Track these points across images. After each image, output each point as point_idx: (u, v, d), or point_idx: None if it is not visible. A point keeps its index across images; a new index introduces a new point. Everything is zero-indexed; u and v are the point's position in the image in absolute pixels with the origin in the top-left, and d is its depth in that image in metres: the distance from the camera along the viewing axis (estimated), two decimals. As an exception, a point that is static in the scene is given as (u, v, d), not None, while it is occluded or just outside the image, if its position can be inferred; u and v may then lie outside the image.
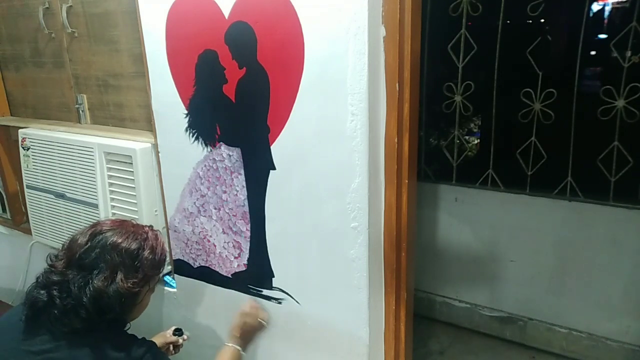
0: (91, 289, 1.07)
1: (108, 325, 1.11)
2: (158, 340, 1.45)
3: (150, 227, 1.26)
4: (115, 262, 1.11)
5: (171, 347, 1.50)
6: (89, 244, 1.13)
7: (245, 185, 1.47)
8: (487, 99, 2.22)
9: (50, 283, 1.10)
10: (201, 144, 1.52)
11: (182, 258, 1.71)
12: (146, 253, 1.17)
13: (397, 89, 1.21)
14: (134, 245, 1.15)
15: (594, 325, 2.20)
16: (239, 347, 1.35)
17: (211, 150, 1.50)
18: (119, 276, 1.10)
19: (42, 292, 1.09)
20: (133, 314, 1.20)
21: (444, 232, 2.50)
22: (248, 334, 1.40)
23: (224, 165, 1.49)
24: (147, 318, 1.90)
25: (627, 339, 2.14)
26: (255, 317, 1.41)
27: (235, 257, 1.57)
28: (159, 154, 1.64)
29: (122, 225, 1.19)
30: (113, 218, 1.27)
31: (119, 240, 1.14)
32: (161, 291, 1.84)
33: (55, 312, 1.07)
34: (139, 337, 1.19)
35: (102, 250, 1.12)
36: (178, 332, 1.51)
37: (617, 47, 1.92)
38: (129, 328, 1.21)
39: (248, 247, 1.53)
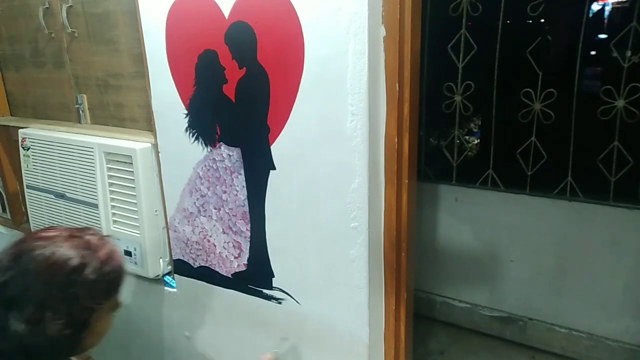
0: (10, 335, 0.83)
1: None
2: None
3: (97, 233, 0.97)
4: (41, 295, 0.84)
5: None
6: (9, 271, 0.86)
7: (245, 185, 1.47)
8: (487, 99, 2.23)
9: None
10: (201, 144, 1.52)
11: (182, 258, 1.71)
12: (87, 272, 0.88)
13: (397, 88, 1.21)
14: (69, 265, 0.87)
15: (594, 325, 2.21)
16: None
17: (211, 150, 1.51)
18: (47, 314, 0.84)
19: None
20: (86, 345, 0.95)
21: (444, 232, 2.50)
22: None
23: (224, 165, 1.49)
24: (147, 318, 1.91)
25: (627, 339, 2.14)
26: None
27: (235, 257, 1.57)
28: (159, 154, 1.64)
29: (55, 237, 0.90)
30: (50, 227, 0.97)
31: (48, 262, 0.86)
32: (161, 291, 1.84)
33: None
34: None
35: (25, 278, 0.85)
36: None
37: (617, 47, 1.92)
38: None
39: (248, 247, 1.53)
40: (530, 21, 2.13)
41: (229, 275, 1.60)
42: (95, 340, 0.98)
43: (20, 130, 2.01)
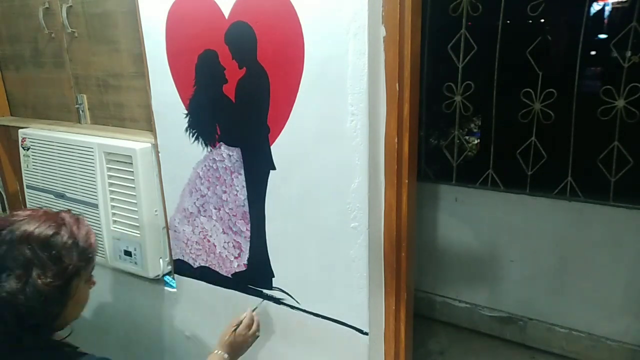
0: (2, 295, 0.91)
1: (37, 340, 0.97)
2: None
3: (68, 210, 1.09)
4: (27, 257, 0.94)
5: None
6: None
7: (245, 185, 1.47)
8: (487, 99, 2.23)
9: None
10: (201, 144, 1.52)
11: (182, 258, 1.71)
12: (65, 239, 0.99)
13: (397, 88, 1.21)
14: (47, 232, 0.98)
15: (593, 325, 2.21)
16: (226, 356, 1.28)
17: (211, 150, 1.51)
18: (34, 272, 0.93)
19: None
20: (68, 313, 1.03)
21: (444, 232, 2.50)
22: (240, 345, 1.33)
23: (224, 165, 1.49)
24: (146, 319, 1.91)
25: (627, 339, 2.14)
26: (253, 329, 1.36)
27: (235, 257, 1.57)
28: (159, 154, 1.64)
29: (32, 214, 1.01)
30: (26, 208, 1.09)
31: (28, 231, 0.96)
32: (161, 291, 1.84)
33: None
34: (97, 355, 1.02)
35: (9, 246, 0.95)
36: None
37: (617, 47, 1.92)
38: (71, 333, 1.08)
39: (248, 247, 1.53)
40: (530, 21, 2.13)
41: (229, 275, 1.60)
42: (76, 311, 1.06)
43: (20, 130, 2.01)
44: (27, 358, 0.97)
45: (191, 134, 1.53)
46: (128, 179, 1.70)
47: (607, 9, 2.23)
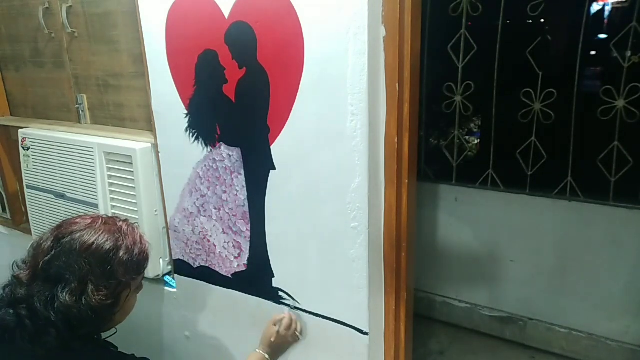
0: (58, 306, 0.94)
1: (86, 342, 1.01)
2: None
3: (126, 220, 1.11)
4: (84, 271, 0.97)
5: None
6: (53, 251, 0.98)
7: (245, 185, 1.47)
8: (487, 99, 2.23)
9: (16, 300, 0.97)
10: (201, 144, 1.52)
11: (182, 258, 1.71)
12: (121, 254, 1.02)
13: (397, 88, 1.21)
14: (106, 247, 1.00)
15: (594, 325, 2.21)
16: (267, 356, 1.32)
17: (211, 150, 1.50)
18: (89, 288, 0.96)
19: (10, 311, 0.97)
20: (116, 320, 1.09)
21: (444, 232, 2.50)
22: (280, 346, 1.36)
23: (224, 165, 1.49)
24: (146, 319, 1.91)
25: (627, 339, 2.14)
26: (292, 329, 1.39)
27: (235, 257, 1.57)
28: (159, 154, 1.64)
29: (92, 224, 1.03)
30: (83, 214, 1.10)
31: (88, 243, 0.99)
32: (161, 291, 1.84)
33: (27, 335, 0.95)
34: (129, 353, 1.09)
35: (68, 257, 0.97)
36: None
37: (617, 47, 1.92)
38: (115, 333, 1.13)
39: (248, 247, 1.53)
40: (530, 21, 2.13)
41: (229, 275, 1.60)
42: (123, 318, 1.11)
43: (20, 130, 2.01)
44: (76, 356, 1.00)
45: (191, 134, 1.53)
46: (128, 179, 1.70)
47: (607, 9, 2.23)
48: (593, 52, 2.15)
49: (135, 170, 1.66)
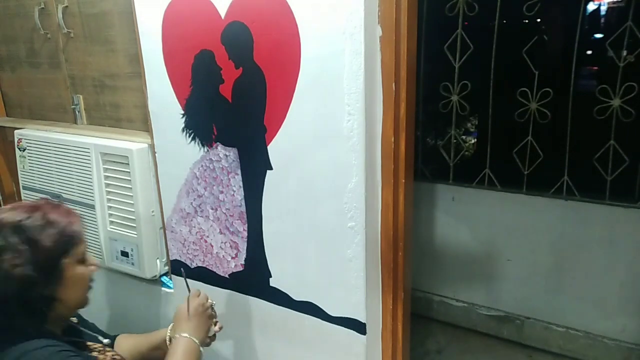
0: None
1: (33, 322, 0.98)
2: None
3: (46, 199, 1.10)
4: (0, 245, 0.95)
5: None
6: None
7: (242, 185, 1.47)
8: (483, 99, 2.23)
9: None
10: (198, 144, 1.52)
11: (179, 259, 1.71)
12: (33, 219, 0.99)
13: (394, 88, 1.21)
14: (17, 217, 0.98)
15: (591, 324, 2.21)
16: (195, 338, 1.17)
17: (208, 151, 1.50)
18: (5, 258, 0.94)
19: None
20: (66, 296, 1.03)
21: (441, 231, 2.51)
22: (196, 319, 1.22)
23: (221, 166, 1.49)
24: (144, 319, 1.91)
25: (624, 337, 2.15)
26: (202, 300, 1.26)
27: (233, 258, 1.57)
28: (156, 155, 1.64)
29: (14, 205, 1.03)
30: (10, 204, 1.09)
31: (2, 218, 0.98)
32: (158, 292, 1.84)
33: None
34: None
35: None
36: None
37: (612, 46, 1.93)
38: (77, 322, 1.11)
39: (245, 248, 1.53)
40: (527, 21, 2.13)
41: (226, 276, 1.60)
42: (75, 295, 1.05)
43: (16, 131, 2.00)
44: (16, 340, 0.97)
45: (188, 134, 1.53)
46: (125, 179, 1.69)
47: (603, 8, 2.24)
48: (589, 52, 2.15)
49: (131, 170, 1.66)
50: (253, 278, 1.54)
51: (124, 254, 1.77)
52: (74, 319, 1.21)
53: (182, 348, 1.14)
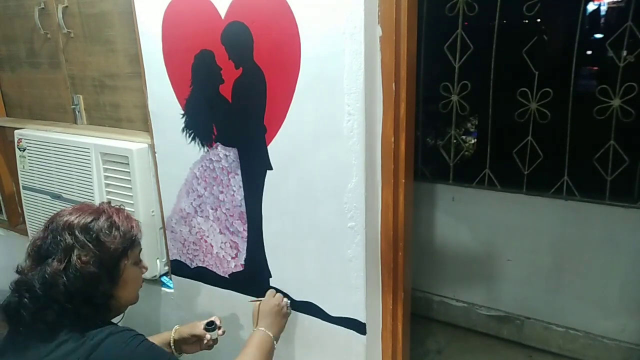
0: (48, 277, 0.99)
1: (96, 315, 1.04)
2: (185, 329, 1.36)
3: (108, 202, 1.17)
4: (68, 242, 1.02)
5: (203, 342, 1.36)
6: (43, 234, 1.06)
7: (242, 185, 1.47)
8: (483, 99, 2.23)
9: (17, 284, 1.04)
10: (198, 144, 1.52)
11: (179, 258, 1.71)
12: (101, 222, 1.06)
13: (394, 88, 1.21)
14: (87, 219, 1.06)
15: (590, 324, 2.21)
16: (269, 332, 1.28)
17: (208, 151, 1.50)
18: (74, 254, 1.01)
19: (15, 295, 1.03)
20: (121, 294, 1.10)
21: (441, 231, 2.50)
22: (274, 318, 1.34)
23: (221, 166, 1.49)
24: (144, 319, 1.90)
25: (624, 337, 2.15)
26: (277, 300, 1.38)
27: (233, 258, 1.57)
28: (156, 155, 1.64)
29: (75, 208, 1.10)
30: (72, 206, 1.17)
31: (70, 220, 1.05)
32: (158, 292, 1.83)
33: (29, 313, 0.99)
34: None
35: (54, 235, 1.04)
36: (210, 326, 1.34)
37: (612, 46, 1.92)
38: (123, 318, 1.16)
39: (245, 248, 1.53)
40: (527, 21, 2.13)
41: (226, 276, 1.60)
42: (128, 293, 1.13)
43: (16, 131, 2.00)
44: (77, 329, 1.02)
45: (188, 134, 1.53)
46: (124, 179, 1.69)
47: (603, 8, 2.23)
48: (589, 52, 2.15)
49: (131, 170, 1.66)
50: (253, 278, 1.54)
51: (124, 254, 1.77)
52: None
53: (257, 339, 1.27)
